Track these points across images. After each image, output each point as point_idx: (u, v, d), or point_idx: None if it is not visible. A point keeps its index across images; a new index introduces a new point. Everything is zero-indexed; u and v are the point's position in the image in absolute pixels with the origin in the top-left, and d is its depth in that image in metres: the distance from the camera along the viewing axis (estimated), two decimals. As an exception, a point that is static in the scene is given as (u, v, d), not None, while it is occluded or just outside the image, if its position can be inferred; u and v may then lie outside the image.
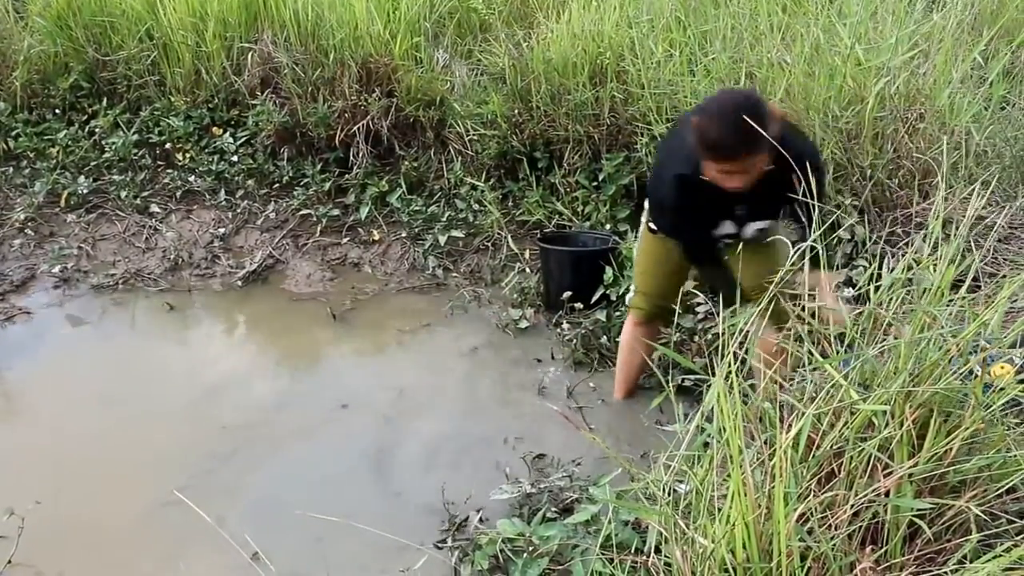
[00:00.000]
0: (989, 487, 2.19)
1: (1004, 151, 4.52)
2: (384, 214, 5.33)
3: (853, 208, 4.02)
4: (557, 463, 3.42)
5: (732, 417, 2.02)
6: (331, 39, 5.42)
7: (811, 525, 2.10)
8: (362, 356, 4.42)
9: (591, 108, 4.94)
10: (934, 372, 2.25)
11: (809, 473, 2.22)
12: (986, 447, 2.24)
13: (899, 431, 2.17)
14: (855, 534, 2.14)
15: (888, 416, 2.20)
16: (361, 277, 5.05)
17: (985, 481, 2.21)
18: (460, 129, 5.23)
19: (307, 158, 5.56)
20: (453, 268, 5.03)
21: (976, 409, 2.19)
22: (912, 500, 2.10)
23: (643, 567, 2.41)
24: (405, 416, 3.91)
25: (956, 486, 2.24)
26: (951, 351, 2.23)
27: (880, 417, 2.20)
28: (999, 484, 2.18)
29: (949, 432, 2.20)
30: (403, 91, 5.37)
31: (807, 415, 2.12)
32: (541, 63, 5.01)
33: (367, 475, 3.57)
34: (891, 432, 2.18)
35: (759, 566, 2.02)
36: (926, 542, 2.14)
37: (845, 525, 2.11)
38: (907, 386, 2.21)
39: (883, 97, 4.09)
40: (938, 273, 2.39)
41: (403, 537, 2.85)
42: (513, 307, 4.53)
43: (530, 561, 2.79)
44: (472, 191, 5.09)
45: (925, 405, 2.23)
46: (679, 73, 4.62)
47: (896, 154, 4.12)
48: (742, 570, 2.03)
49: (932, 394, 2.21)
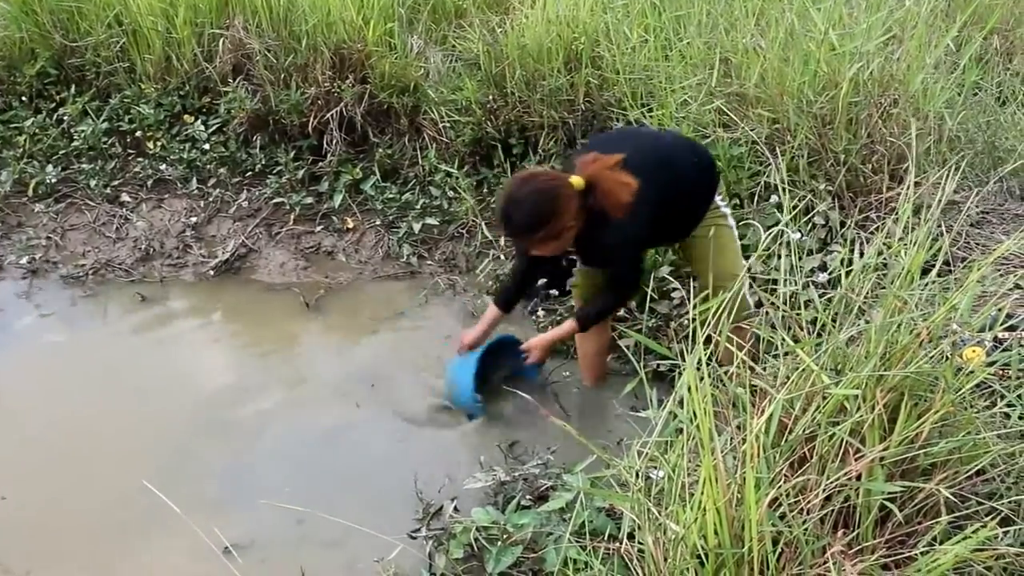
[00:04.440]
0: (959, 469, 2.20)
1: (976, 136, 4.55)
2: (358, 202, 5.28)
3: (827, 193, 4.03)
4: (532, 451, 3.42)
5: (702, 402, 2.02)
6: (304, 25, 5.37)
7: (783, 510, 2.10)
8: (336, 345, 4.39)
9: (566, 94, 4.92)
10: (905, 356, 2.26)
11: (782, 458, 2.22)
12: (956, 430, 2.25)
13: (870, 415, 2.18)
14: (827, 518, 2.15)
15: (859, 400, 2.20)
16: (335, 266, 5.01)
17: (955, 464, 2.22)
18: (434, 116, 5.19)
19: (280, 146, 5.49)
20: (428, 256, 5.00)
21: (946, 392, 2.19)
22: (883, 483, 2.11)
23: (616, 554, 2.41)
24: (379, 405, 3.89)
25: (927, 469, 2.25)
26: (921, 335, 2.24)
27: (851, 401, 2.20)
28: (968, 466, 2.19)
29: (920, 415, 2.21)
30: (377, 77, 5.33)
31: (778, 400, 2.12)
32: (516, 49, 4.98)
33: (340, 465, 3.56)
34: (862, 416, 2.18)
35: (731, 551, 2.02)
36: (897, 525, 2.15)
37: (817, 509, 2.11)
38: (878, 370, 2.22)
39: (857, 82, 4.09)
40: (908, 257, 2.39)
41: (377, 527, 2.84)
42: (488, 294, 4.51)
43: (504, 549, 2.79)
44: (447, 178, 5.06)
45: (896, 389, 2.24)
46: (654, 58, 4.61)
47: (870, 139, 4.13)
48: (714, 556, 2.03)
49: (903, 378, 2.22)
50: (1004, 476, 2.28)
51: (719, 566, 2.05)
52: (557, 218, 3.11)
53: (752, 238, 3.67)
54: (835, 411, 2.24)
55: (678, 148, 3.48)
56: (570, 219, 3.14)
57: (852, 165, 4.05)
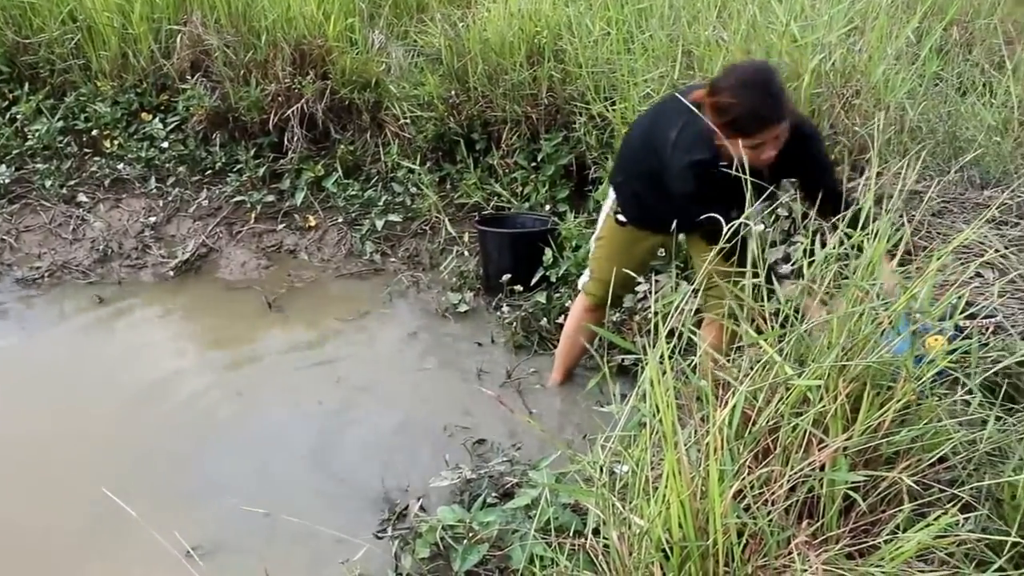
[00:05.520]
0: (922, 457, 2.20)
1: (937, 126, 4.56)
2: (320, 199, 5.25)
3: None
4: (497, 448, 3.40)
5: (665, 396, 2.00)
6: (263, 20, 5.33)
7: (748, 502, 2.09)
8: (299, 345, 4.34)
9: (529, 88, 4.90)
10: (867, 346, 2.25)
11: (746, 450, 2.21)
12: (918, 418, 2.25)
13: (833, 405, 2.17)
14: (792, 509, 2.14)
15: (822, 391, 2.19)
16: (297, 264, 4.97)
17: (918, 452, 2.21)
18: (396, 111, 5.16)
19: (240, 143, 5.45)
20: (391, 253, 4.97)
21: (908, 381, 2.19)
22: (846, 473, 2.10)
23: (582, 550, 2.39)
24: (343, 404, 3.85)
25: (890, 457, 2.24)
26: (883, 324, 2.23)
27: (814, 392, 2.19)
28: (931, 454, 2.19)
29: (882, 405, 2.20)
30: (338, 73, 5.30)
31: (740, 392, 2.11)
32: (478, 43, 4.96)
33: (304, 465, 3.51)
34: (825, 406, 2.18)
35: (695, 544, 2.00)
36: (861, 514, 2.14)
37: (781, 500, 2.10)
38: (840, 360, 2.21)
39: (819, 74, 4.10)
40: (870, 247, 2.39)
41: (343, 527, 2.83)
42: (452, 291, 4.49)
43: (470, 547, 2.76)
44: (409, 174, 5.03)
45: (858, 379, 2.23)
46: (616, 51, 4.59)
47: (833, 130, 4.13)
48: (678, 549, 2.01)
49: (865, 367, 2.21)
50: (965, 463, 2.28)
51: (684, 559, 2.04)
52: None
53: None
54: (798, 402, 2.23)
55: None
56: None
57: (815, 156, 4.06)
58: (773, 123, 2.82)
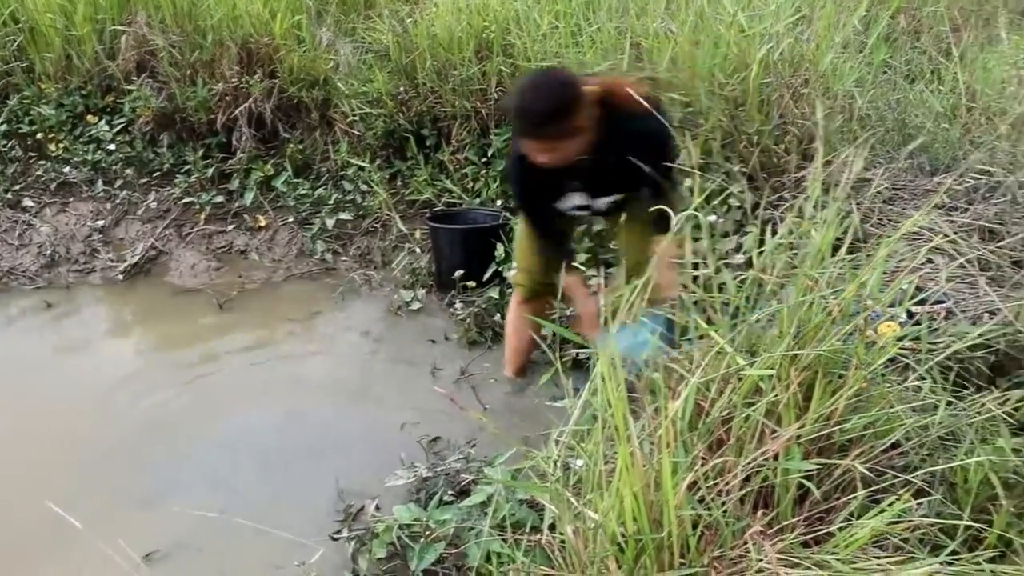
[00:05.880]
0: (875, 444, 2.21)
1: (886, 114, 4.59)
2: (270, 199, 5.19)
3: (741, 175, 4.03)
4: (453, 445, 3.37)
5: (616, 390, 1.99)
6: (209, 19, 5.26)
7: (702, 493, 2.08)
8: (251, 346, 4.28)
9: (478, 83, 4.88)
10: (817, 334, 2.25)
11: (700, 441, 2.20)
12: (870, 405, 2.25)
13: (785, 394, 2.17)
14: (747, 499, 2.14)
15: (774, 380, 2.19)
16: (248, 265, 4.91)
17: (871, 438, 2.22)
18: (346, 109, 5.11)
19: (188, 144, 5.39)
20: (342, 252, 4.92)
21: (858, 369, 2.19)
22: (800, 462, 2.10)
23: (538, 545, 2.38)
24: (297, 405, 3.81)
25: (844, 445, 2.25)
26: (833, 313, 2.23)
27: (766, 382, 2.19)
28: (883, 440, 2.20)
29: (834, 393, 2.21)
30: (285, 71, 5.24)
31: (691, 383, 2.10)
32: (426, 39, 4.93)
33: (258, 467, 3.46)
34: (777, 396, 2.17)
35: (650, 537, 1.99)
36: (816, 502, 2.14)
37: (736, 490, 2.10)
38: (792, 350, 2.21)
39: (767, 63, 4.11)
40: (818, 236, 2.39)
41: (299, 530, 2.80)
42: (404, 289, 4.45)
43: (427, 546, 2.75)
44: (359, 172, 4.99)
45: (810, 368, 2.23)
46: (565, 45, 4.58)
47: (782, 120, 4.15)
48: (633, 542, 2.00)
49: (816, 356, 2.21)
50: (918, 448, 2.29)
51: (639, 552, 2.02)
52: (577, 110, 2.90)
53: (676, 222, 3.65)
54: (751, 392, 2.23)
55: None
56: (586, 120, 2.94)
57: (765, 146, 4.07)
58: (524, 136, 2.98)
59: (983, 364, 2.95)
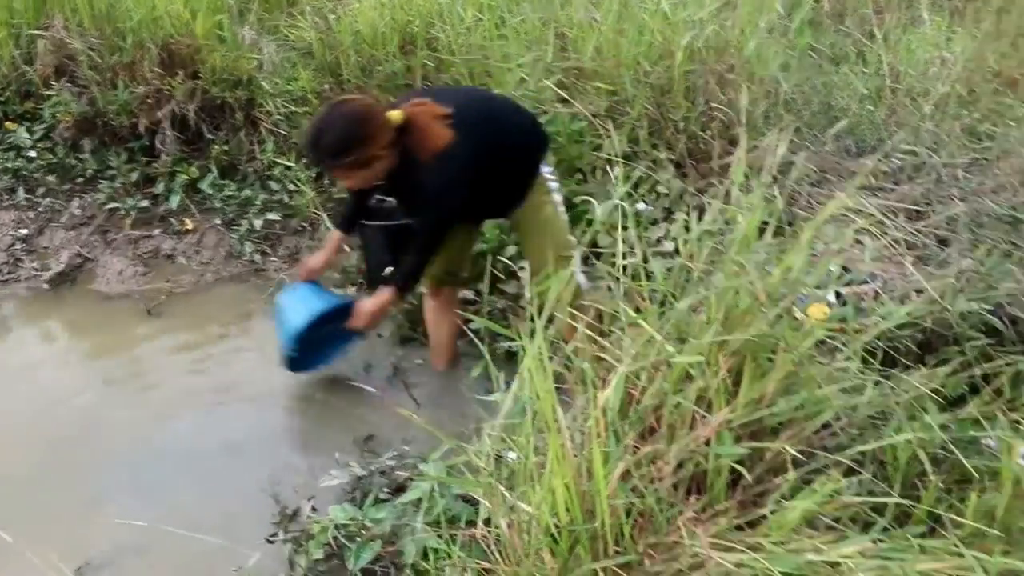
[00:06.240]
0: (805, 426, 2.22)
1: (812, 97, 4.63)
2: (196, 201, 5.09)
3: (668, 162, 4.04)
4: (387, 442, 3.35)
5: (543, 382, 1.98)
6: (128, 21, 5.15)
7: (636, 481, 2.08)
8: (181, 351, 4.19)
9: (403, 78, 4.83)
10: (745, 320, 2.26)
11: (632, 429, 2.20)
12: (800, 388, 2.26)
13: (714, 380, 2.17)
14: (680, 485, 2.14)
15: (704, 366, 2.19)
16: (176, 269, 4.80)
17: (801, 421, 2.23)
18: (270, 108, 5.03)
19: (111, 149, 5.27)
20: (271, 252, 4.84)
21: (786, 353, 2.20)
22: (730, 447, 2.10)
23: (475, 540, 2.36)
24: (229, 408, 3.77)
25: (776, 428, 2.26)
26: (759, 298, 2.24)
27: (696, 368, 2.19)
28: (813, 422, 2.21)
29: (764, 377, 2.21)
30: (208, 72, 5.14)
31: (619, 372, 2.09)
32: (349, 35, 4.88)
33: (191, 473, 3.41)
34: (707, 382, 2.18)
35: (583, 527, 1.98)
36: (748, 486, 2.15)
37: (669, 477, 2.10)
38: (720, 336, 2.21)
39: (692, 50, 4.13)
40: (744, 221, 2.40)
41: (234, 534, 2.78)
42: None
43: (363, 545, 2.74)
44: (286, 171, 4.91)
45: (739, 353, 2.23)
46: (489, 37, 4.56)
47: (708, 106, 4.17)
48: (566, 533, 1.99)
49: (744, 341, 2.21)
50: (848, 428, 2.31)
51: (573, 543, 2.02)
52: (366, 144, 3.04)
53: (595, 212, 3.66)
54: (681, 379, 2.23)
55: (507, 109, 3.46)
56: (380, 149, 3.07)
57: (691, 132, 4.09)
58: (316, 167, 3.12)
59: (911, 342, 2.99)
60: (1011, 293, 3.18)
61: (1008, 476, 2.04)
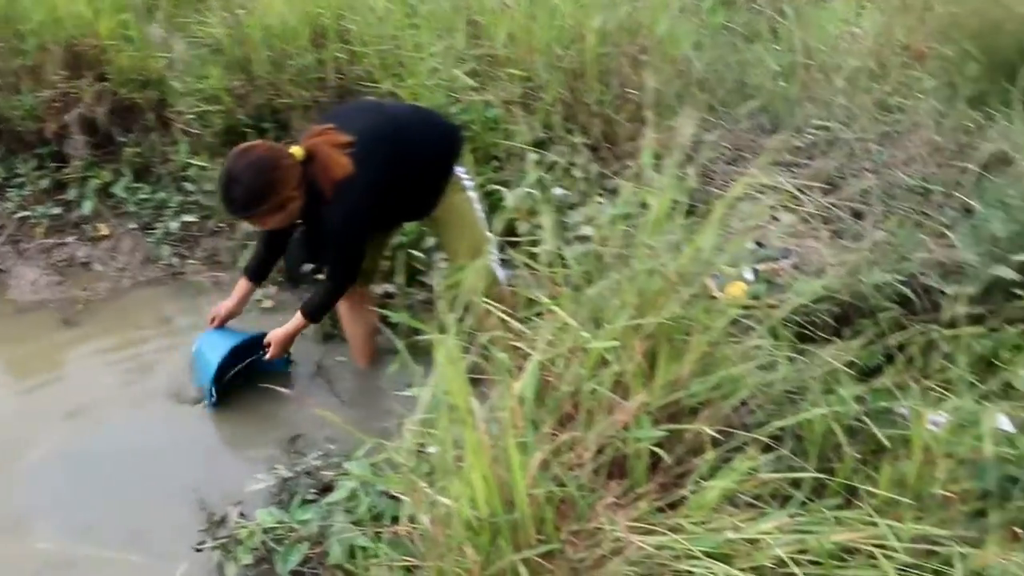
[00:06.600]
0: (722, 405, 2.23)
1: (726, 75, 4.66)
2: (110, 206, 4.97)
3: (584, 146, 4.04)
4: (313, 442, 3.32)
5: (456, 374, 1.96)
6: (28, 23, 5.00)
7: (556, 469, 2.07)
8: (100, 360, 4.08)
9: (315, 71, 4.75)
10: (659, 302, 2.26)
11: (551, 417, 2.19)
12: (715, 368, 2.27)
13: (630, 364, 2.17)
14: (601, 470, 2.13)
15: (620, 351, 2.19)
16: (92, 276, 4.68)
17: (718, 400, 2.24)
18: (182, 107, 4.93)
19: (18, 156, 5.12)
20: (189, 255, 4.74)
21: (701, 333, 2.21)
22: (648, 430, 2.10)
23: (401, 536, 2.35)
24: (150, 416, 3.68)
25: (695, 408, 2.26)
26: (671, 279, 2.24)
27: (612, 353, 2.19)
28: (729, 401, 2.22)
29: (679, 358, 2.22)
30: (116, 73, 5.02)
31: (534, 360, 2.08)
32: (259, 30, 4.79)
33: (115, 485, 3.32)
34: (623, 366, 2.18)
35: (504, 518, 1.97)
36: (668, 468, 2.15)
37: (589, 463, 2.09)
38: (634, 319, 2.21)
39: (604, 33, 4.12)
40: (655, 203, 2.40)
41: (161, 545, 2.79)
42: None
43: (291, 547, 2.72)
44: (201, 172, 4.82)
45: (653, 336, 2.23)
46: (401, 27, 4.52)
47: (623, 88, 4.17)
48: (486, 525, 1.98)
49: (659, 324, 2.22)
50: (765, 405, 2.32)
51: (494, 535, 2.00)
52: (277, 190, 3.05)
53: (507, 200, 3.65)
54: (597, 364, 2.22)
55: (415, 122, 3.43)
56: (291, 190, 3.07)
57: (607, 115, 4.09)
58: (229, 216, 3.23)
59: (828, 316, 3.02)
60: (923, 263, 3.23)
61: (918, 444, 2.06)
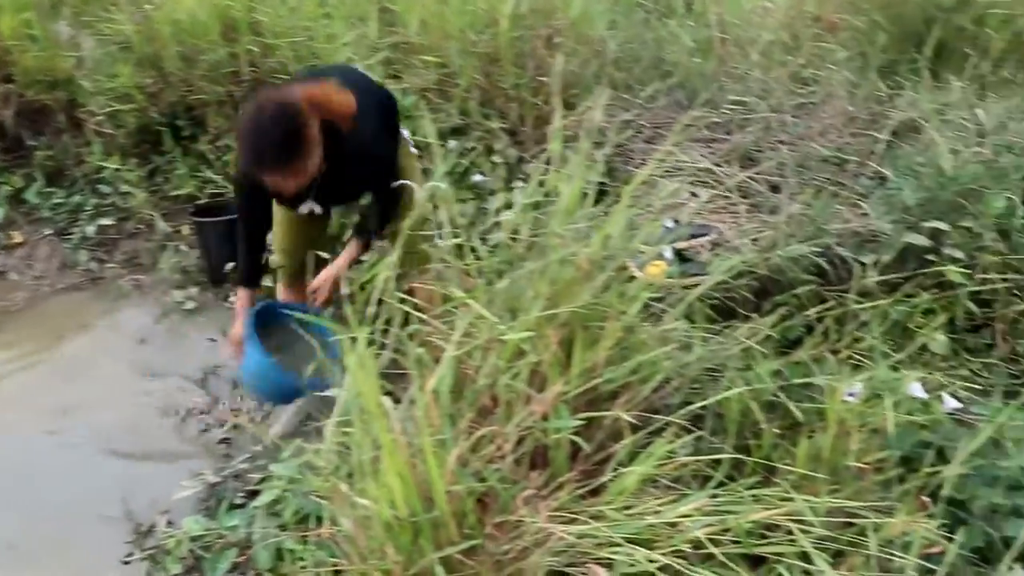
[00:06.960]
0: (641, 389, 2.23)
1: (642, 53, 4.67)
2: (23, 212, 4.87)
3: (502, 131, 4.02)
4: (241, 445, 3.28)
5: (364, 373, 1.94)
6: (-79, 24, 4.87)
7: (476, 463, 2.06)
8: (20, 371, 3.99)
9: (228, 66, 4.67)
10: (572, 290, 2.25)
11: (469, 411, 2.18)
12: (631, 352, 2.27)
13: (546, 354, 2.16)
14: (522, 461, 2.13)
15: (535, 341, 2.18)
16: (8, 286, 4.57)
17: (636, 385, 2.24)
18: (93, 107, 4.82)
19: (-76, 164, 5.00)
20: (108, 258, 4.66)
21: (616, 319, 2.21)
22: (567, 420, 2.10)
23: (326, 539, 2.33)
24: (72, 427, 3.60)
25: (614, 394, 2.26)
26: (583, 267, 2.23)
27: (527, 343, 2.18)
28: (648, 384, 2.22)
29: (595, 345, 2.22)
30: (21, 74, 4.90)
31: (448, 354, 2.07)
32: (169, 25, 4.69)
33: (37, 501, 3.24)
34: (539, 356, 2.17)
35: (424, 517, 1.95)
36: (588, 455, 2.15)
37: (510, 455, 2.08)
38: (548, 309, 2.20)
39: (517, 16, 4.10)
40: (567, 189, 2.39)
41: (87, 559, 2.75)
42: (176, 289, 4.27)
43: (218, 555, 2.69)
44: (116, 173, 4.72)
45: (568, 324, 2.23)
46: (313, 17, 4.46)
47: (539, 71, 4.16)
48: (406, 525, 1.96)
49: (573, 312, 2.21)
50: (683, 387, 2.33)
51: (416, 534, 1.99)
52: (308, 131, 2.78)
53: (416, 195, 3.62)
54: (514, 356, 2.21)
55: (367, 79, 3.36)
56: (316, 131, 2.81)
57: (523, 99, 4.07)
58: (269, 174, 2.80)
59: (748, 291, 3.04)
60: (839, 233, 3.26)
61: (833, 417, 2.09)
